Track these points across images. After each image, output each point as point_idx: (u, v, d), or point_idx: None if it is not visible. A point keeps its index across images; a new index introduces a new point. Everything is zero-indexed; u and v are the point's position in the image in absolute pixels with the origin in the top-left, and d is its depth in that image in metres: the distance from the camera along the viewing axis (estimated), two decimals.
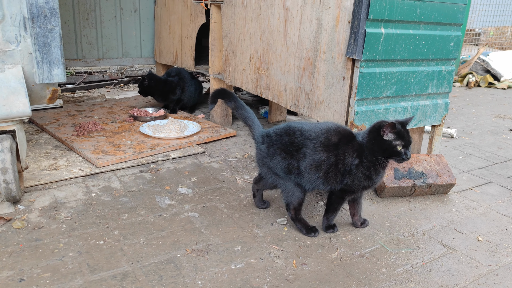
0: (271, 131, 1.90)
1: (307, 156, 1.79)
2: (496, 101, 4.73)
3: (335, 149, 1.78)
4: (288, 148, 1.82)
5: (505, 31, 8.55)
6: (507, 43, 8.38)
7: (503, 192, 2.42)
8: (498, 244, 1.89)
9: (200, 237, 1.85)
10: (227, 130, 3.12)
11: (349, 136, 1.80)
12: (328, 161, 1.78)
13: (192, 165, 2.60)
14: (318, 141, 1.78)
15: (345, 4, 1.97)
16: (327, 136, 1.79)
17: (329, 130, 1.80)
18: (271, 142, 1.87)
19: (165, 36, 3.92)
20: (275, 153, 1.85)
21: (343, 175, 1.80)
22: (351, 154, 1.78)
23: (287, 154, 1.82)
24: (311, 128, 1.82)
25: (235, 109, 1.99)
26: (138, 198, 2.17)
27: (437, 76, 2.26)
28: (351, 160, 1.77)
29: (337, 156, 1.78)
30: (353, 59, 2.00)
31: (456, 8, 2.19)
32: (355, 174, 1.78)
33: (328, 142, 1.78)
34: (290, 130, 1.85)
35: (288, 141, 1.83)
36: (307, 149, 1.79)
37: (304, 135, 1.81)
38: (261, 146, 1.91)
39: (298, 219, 1.91)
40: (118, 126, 3.10)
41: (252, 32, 2.66)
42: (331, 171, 1.79)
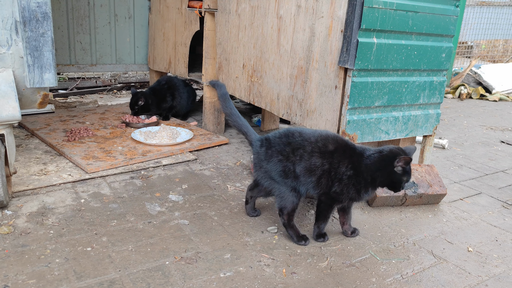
0: (270, 135, 1.92)
1: (303, 159, 1.80)
2: (487, 113, 4.76)
3: (331, 156, 1.80)
4: (285, 149, 1.83)
5: (497, 44, 8.66)
6: (499, 56, 8.48)
7: (493, 203, 2.43)
8: (488, 255, 1.89)
9: (190, 245, 1.83)
10: (219, 137, 3.11)
11: (347, 147, 1.82)
12: (322, 167, 1.79)
13: (183, 172, 2.58)
14: (316, 145, 1.81)
15: (338, 14, 1.98)
16: (325, 142, 1.82)
17: (328, 137, 1.84)
18: (269, 145, 1.88)
19: (159, 43, 3.93)
20: (273, 155, 1.85)
21: (333, 182, 1.80)
22: (346, 164, 1.79)
23: (283, 156, 1.83)
24: (311, 132, 1.86)
25: (229, 115, 1.99)
26: (128, 205, 2.14)
27: (429, 86, 2.27)
28: (344, 170, 1.79)
29: (331, 164, 1.79)
30: (345, 68, 2.00)
31: (447, 19, 2.21)
32: (345, 184, 1.79)
33: (326, 148, 1.81)
34: (289, 132, 1.88)
35: (286, 142, 1.84)
36: (304, 151, 1.81)
37: (303, 137, 1.84)
38: (259, 150, 1.91)
39: (290, 225, 1.90)
40: (109, 132, 3.08)
41: (246, 40, 2.67)
42: (324, 177, 1.80)
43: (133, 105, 3.34)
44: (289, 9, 2.27)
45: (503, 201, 2.46)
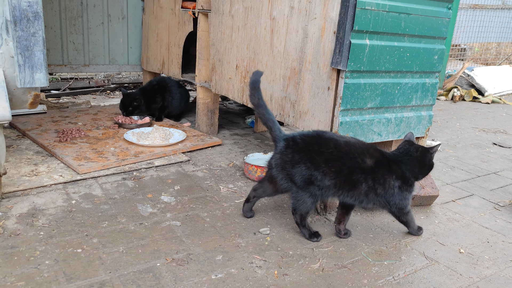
0: (297, 137, 1.85)
1: (341, 173, 1.79)
2: (480, 115, 4.79)
3: (373, 171, 1.81)
4: (316, 158, 1.79)
5: (489, 47, 8.71)
6: (491, 59, 8.54)
7: (485, 205, 2.44)
8: (480, 257, 1.90)
9: (181, 246, 1.82)
10: (212, 138, 3.10)
11: (383, 158, 1.86)
12: (367, 183, 1.81)
13: (176, 173, 2.57)
14: (355, 160, 1.80)
15: (331, 15, 1.99)
16: (363, 156, 1.82)
17: (364, 149, 1.84)
18: (297, 149, 1.82)
19: (152, 44, 3.91)
20: (300, 161, 1.81)
21: (385, 197, 1.85)
22: (391, 177, 1.84)
23: (312, 165, 1.80)
24: (345, 143, 1.83)
25: (257, 106, 1.89)
26: (120, 206, 2.13)
27: (421, 88, 2.28)
28: (393, 182, 1.85)
29: (374, 179, 1.82)
30: (338, 70, 2.00)
31: (440, 21, 2.22)
32: (399, 195, 1.86)
33: (365, 163, 1.81)
34: (321, 139, 1.83)
35: (318, 150, 1.80)
36: (343, 165, 1.79)
37: (338, 149, 1.80)
38: (284, 150, 1.85)
39: (303, 224, 1.92)
40: (102, 133, 3.06)
41: (239, 41, 2.66)
42: (371, 192, 1.83)
43: (125, 106, 3.32)
44: (282, 10, 2.27)
45: (494, 202, 2.47)
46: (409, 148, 1.90)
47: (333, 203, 2.19)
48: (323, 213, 2.17)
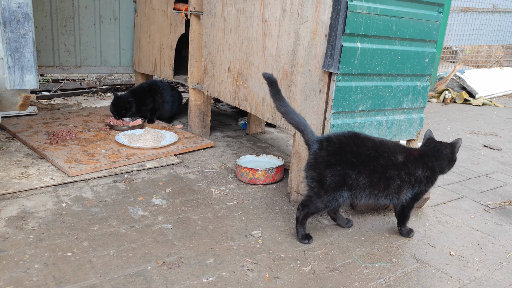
0: (332, 137, 1.87)
1: (376, 171, 1.84)
2: (471, 117, 4.83)
3: (405, 165, 1.89)
4: (354, 159, 1.83)
5: (480, 50, 8.79)
6: (483, 61, 8.62)
7: (475, 207, 2.45)
8: (470, 259, 1.91)
9: (172, 249, 1.81)
10: (204, 141, 3.09)
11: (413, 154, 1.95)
12: (400, 177, 1.88)
13: (167, 176, 2.56)
14: (389, 159, 1.87)
15: (322, 18, 1.99)
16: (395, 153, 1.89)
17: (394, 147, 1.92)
18: (333, 150, 1.84)
19: (144, 45, 3.90)
20: (336, 163, 1.83)
21: (413, 187, 1.93)
22: (421, 168, 1.93)
23: (347, 165, 1.83)
24: (381, 144, 1.90)
25: (285, 114, 1.90)
26: (110, 209, 2.12)
27: (412, 91, 2.29)
28: (421, 173, 1.93)
29: (409, 173, 1.90)
30: (329, 73, 2.01)
31: (431, 25, 2.23)
32: (425, 184, 1.95)
33: (397, 160, 1.88)
34: (359, 140, 1.86)
35: (356, 151, 1.84)
36: (378, 164, 1.84)
37: (377, 150, 1.86)
38: (319, 152, 1.85)
39: (302, 222, 1.93)
40: (93, 135, 3.04)
41: (231, 44, 2.66)
42: (405, 186, 1.91)
43: (117, 109, 3.28)
44: (274, 13, 2.27)
45: (485, 205, 2.49)
46: (438, 145, 1.98)
47: None
48: (315, 215, 2.17)
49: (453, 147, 1.98)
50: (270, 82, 1.90)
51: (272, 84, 1.90)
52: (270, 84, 1.90)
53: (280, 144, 3.34)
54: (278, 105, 1.91)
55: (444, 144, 1.99)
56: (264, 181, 2.51)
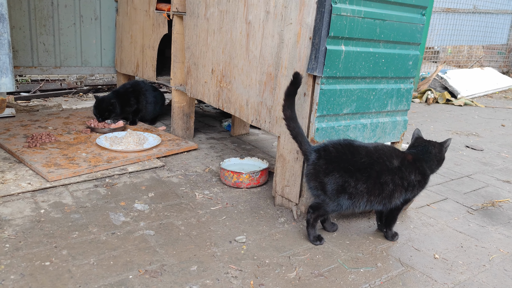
0: (329, 146, 1.89)
1: (371, 177, 1.85)
2: (453, 117, 4.88)
3: (400, 170, 1.90)
4: (350, 167, 1.84)
5: (461, 50, 8.91)
6: (464, 61, 8.74)
7: (459, 209, 2.47)
8: (454, 262, 1.91)
9: (155, 257, 1.77)
10: (188, 143, 3.05)
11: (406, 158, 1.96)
12: (394, 183, 1.89)
13: (150, 180, 2.52)
14: (384, 165, 1.88)
15: (306, 21, 1.97)
16: (390, 158, 1.90)
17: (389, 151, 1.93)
18: (330, 159, 1.86)
19: (126, 46, 3.83)
20: (334, 170, 1.85)
21: (406, 191, 1.94)
22: (414, 172, 1.94)
23: (345, 173, 1.85)
24: (375, 149, 1.91)
25: (289, 119, 1.91)
26: (91, 215, 2.06)
27: (396, 93, 2.29)
28: (414, 177, 1.94)
29: (402, 177, 1.91)
30: (314, 76, 1.99)
31: (414, 27, 2.23)
32: (417, 188, 1.97)
33: (392, 164, 1.90)
34: (353, 148, 1.88)
35: (351, 159, 1.86)
36: (372, 170, 1.85)
37: (371, 157, 1.87)
38: (317, 161, 1.88)
39: (312, 225, 1.96)
40: (73, 138, 2.97)
41: (214, 45, 2.62)
42: (397, 191, 1.91)
43: (100, 112, 3.20)
44: (258, 14, 2.25)
45: (468, 206, 2.51)
46: (427, 145, 2.00)
47: None
48: (300, 219, 2.15)
49: (441, 146, 2.01)
50: (295, 81, 1.89)
51: (295, 84, 1.89)
52: (293, 84, 1.89)
53: (265, 146, 3.32)
54: (285, 106, 1.91)
55: (433, 144, 2.01)
56: (249, 184, 2.48)
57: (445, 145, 2.02)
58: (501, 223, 2.32)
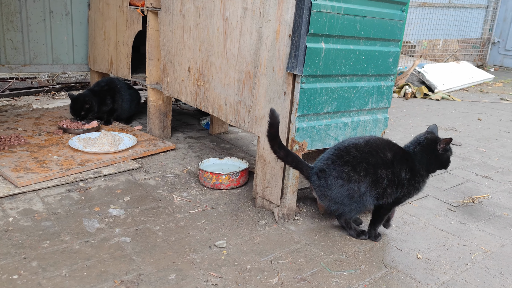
0: (322, 166, 1.91)
1: (368, 173, 1.85)
2: (431, 112, 4.91)
3: (392, 164, 1.88)
4: (344, 170, 1.86)
5: (437, 43, 9.01)
6: (439, 55, 8.84)
7: (440, 206, 2.46)
8: (437, 261, 1.90)
9: (131, 266, 1.69)
10: (165, 143, 2.96)
11: (400, 151, 1.94)
12: (387, 177, 1.87)
13: (126, 183, 2.43)
14: (378, 156, 1.87)
15: (285, 18, 1.91)
16: (383, 150, 1.89)
17: (382, 144, 1.91)
18: (326, 175, 1.89)
19: (99, 42, 3.70)
20: (333, 183, 1.88)
21: (397, 189, 1.90)
22: (404, 168, 1.90)
23: (344, 181, 1.86)
24: (364, 142, 1.90)
25: (285, 156, 1.91)
26: (63, 222, 1.97)
27: (377, 91, 2.25)
28: (404, 175, 1.90)
29: (394, 172, 1.88)
30: (294, 74, 1.94)
31: (394, 24, 2.20)
32: (407, 187, 1.92)
33: (386, 157, 1.88)
34: (342, 152, 1.89)
35: (342, 163, 1.87)
36: (369, 164, 1.85)
37: (361, 151, 1.87)
38: (319, 183, 1.91)
39: (348, 226, 2.03)
40: (44, 140, 2.85)
41: (191, 42, 2.54)
42: (390, 186, 1.89)
43: (76, 111, 3.08)
44: (236, 11, 2.17)
45: (448, 203, 2.51)
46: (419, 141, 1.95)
47: (292, 212, 2.13)
48: (281, 221, 2.10)
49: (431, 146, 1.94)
50: (273, 122, 1.85)
51: (273, 124, 1.86)
52: (272, 125, 1.86)
53: (244, 144, 3.26)
54: (276, 149, 1.90)
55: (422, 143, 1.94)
56: (228, 185, 2.42)
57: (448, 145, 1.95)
58: (482, 220, 2.32)
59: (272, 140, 1.89)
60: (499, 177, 2.97)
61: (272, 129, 1.86)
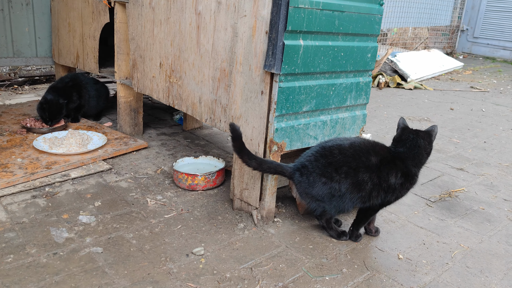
0: (305, 162, 1.87)
1: (349, 176, 1.81)
2: (404, 102, 4.94)
3: (378, 169, 1.82)
4: (327, 170, 1.82)
5: (407, 30, 9.08)
6: (409, 42, 8.91)
7: (418, 202, 2.46)
8: (418, 261, 1.88)
9: (104, 279, 1.60)
10: (137, 141, 2.84)
11: (388, 154, 1.87)
12: (372, 181, 1.82)
13: (96, 186, 2.31)
14: (360, 160, 1.82)
15: (262, 13, 1.82)
16: (367, 154, 1.83)
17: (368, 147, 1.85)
18: (308, 172, 1.85)
19: (64, 35, 3.50)
20: (315, 180, 1.84)
21: (386, 193, 1.85)
22: (394, 173, 1.84)
23: (327, 178, 1.83)
24: (349, 145, 1.85)
25: (259, 166, 1.86)
26: (29, 232, 1.85)
27: (355, 88, 2.20)
28: (395, 180, 1.84)
29: (380, 177, 1.82)
30: (271, 73, 1.86)
31: (373, 18, 2.15)
32: (399, 191, 1.87)
33: (370, 161, 1.82)
34: (326, 151, 1.85)
35: (325, 163, 1.83)
36: (350, 168, 1.81)
37: (343, 153, 1.83)
38: (301, 179, 1.87)
39: (329, 227, 1.99)
40: (6, 140, 2.68)
41: (162, 37, 2.42)
42: (375, 190, 1.84)
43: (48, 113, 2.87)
44: (209, 5, 2.07)
45: (426, 198, 2.50)
46: (416, 139, 1.86)
47: (271, 214, 2.07)
48: (261, 224, 2.04)
49: (430, 136, 1.90)
50: (236, 137, 1.84)
51: (236, 139, 1.84)
52: (235, 139, 1.84)
53: (220, 140, 3.17)
54: (246, 160, 1.85)
55: (421, 135, 1.87)
56: (205, 186, 2.34)
57: (433, 134, 1.90)
58: (459, 215, 2.33)
59: (239, 152, 1.86)
60: (474, 169, 3.00)
61: (237, 142, 1.85)
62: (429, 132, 1.91)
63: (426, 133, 1.90)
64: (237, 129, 1.83)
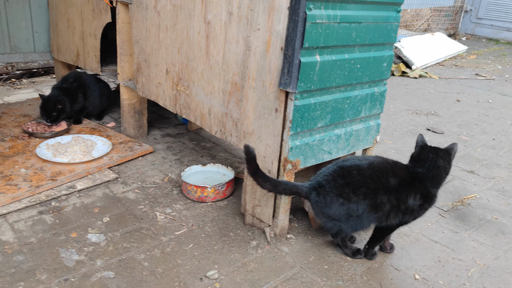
0: (322, 181, 1.83)
1: (367, 197, 1.77)
2: (410, 93, 4.85)
3: (396, 191, 1.79)
4: (345, 190, 1.78)
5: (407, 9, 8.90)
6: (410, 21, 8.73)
7: (431, 211, 2.37)
8: (434, 282, 1.85)
9: None
10: (142, 146, 2.77)
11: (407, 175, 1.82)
12: (390, 203, 1.79)
13: (103, 198, 2.25)
14: (379, 182, 1.78)
15: (277, 28, 1.73)
16: (387, 176, 1.79)
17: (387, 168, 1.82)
18: (325, 191, 1.81)
19: (63, 30, 3.38)
20: (332, 201, 1.80)
21: (404, 214, 1.83)
22: (413, 195, 1.81)
23: (344, 199, 1.79)
24: (367, 165, 1.81)
25: (274, 188, 1.82)
26: (38, 255, 1.80)
27: (370, 98, 2.13)
28: (413, 202, 1.82)
29: (399, 199, 1.79)
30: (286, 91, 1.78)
31: (390, 26, 2.05)
32: (418, 211, 1.86)
33: (389, 183, 1.79)
34: (344, 172, 1.81)
35: (343, 183, 1.79)
36: (368, 189, 1.77)
37: (362, 174, 1.78)
38: (317, 199, 1.83)
39: (344, 245, 1.96)
40: (9, 147, 2.60)
41: (168, 43, 2.32)
42: (393, 211, 1.81)
43: (48, 112, 2.79)
44: (219, 14, 1.97)
45: (439, 207, 2.46)
46: (435, 160, 1.81)
47: (284, 231, 2.03)
48: (274, 242, 2.00)
49: (449, 155, 1.83)
50: (249, 159, 1.79)
51: (250, 161, 1.79)
52: (249, 161, 1.79)
53: (226, 142, 3.10)
54: (261, 183, 1.81)
55: (441, 155, 1.81)
56: (214, 198, 2.29)
57: (452, 153, 1.84)
58: (473, 227, 2.29)
59: (254, 175, 1.81)
60: (484, 172, 2.96)
61: (251, 164, 1.79)
62: (448, 151, 1.85)
63: (445, 152, 1.84)
64: (251, 151, 1.77)
